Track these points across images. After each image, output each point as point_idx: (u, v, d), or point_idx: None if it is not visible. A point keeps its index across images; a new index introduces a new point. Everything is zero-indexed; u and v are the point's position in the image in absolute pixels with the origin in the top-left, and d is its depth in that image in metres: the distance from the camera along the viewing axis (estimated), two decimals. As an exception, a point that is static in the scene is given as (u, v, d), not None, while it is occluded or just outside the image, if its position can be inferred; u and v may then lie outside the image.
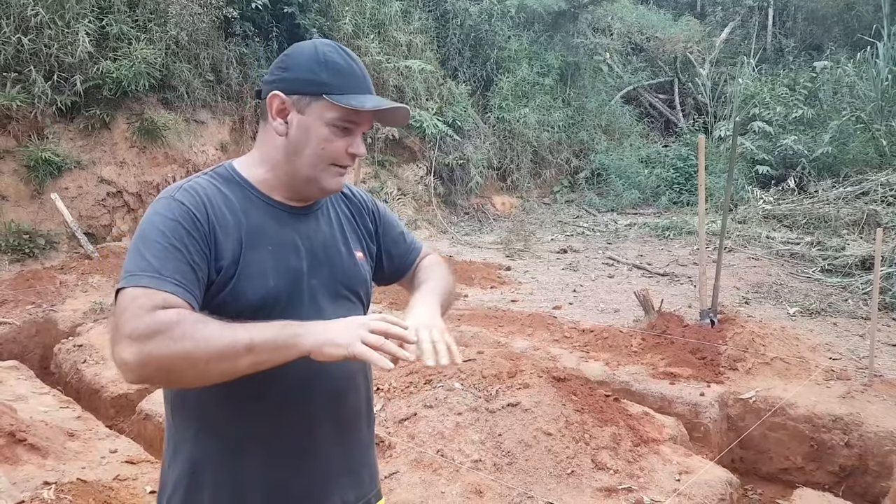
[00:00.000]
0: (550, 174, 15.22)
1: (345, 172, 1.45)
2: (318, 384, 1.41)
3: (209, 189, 1.38)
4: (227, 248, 1.33)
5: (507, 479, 3.28)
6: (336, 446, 1.47)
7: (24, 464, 3.38)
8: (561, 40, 16.36)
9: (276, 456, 1.39)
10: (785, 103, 14.06)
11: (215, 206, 1.35)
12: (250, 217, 1.39)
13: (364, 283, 1.57)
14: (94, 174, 9.05)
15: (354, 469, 1.53)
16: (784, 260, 9.20)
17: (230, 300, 1.32)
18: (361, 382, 1.53)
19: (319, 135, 1.38)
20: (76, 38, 8.63)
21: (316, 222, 1.50)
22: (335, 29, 11.75)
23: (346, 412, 1.49)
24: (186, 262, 1.26)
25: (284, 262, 1.40)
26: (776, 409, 4.53)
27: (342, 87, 1.37)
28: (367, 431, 1.58)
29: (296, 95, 1.38)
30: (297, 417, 1.40)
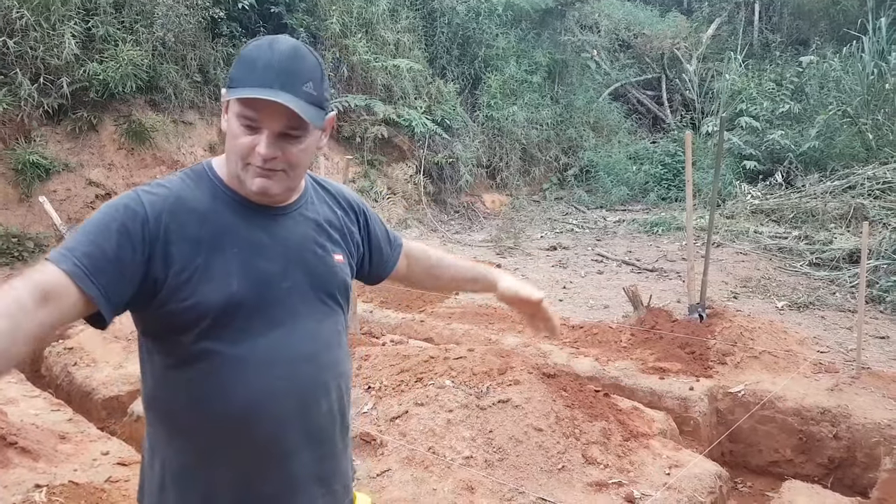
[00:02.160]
0: (539, 172, 15.25)
1: (267, 174, 1.31)
2: (287, 391, 1.36)
3: (179, 189, 1.34)
4: (183, 251, 1.28)
5: (498, 476, 3.30)
6: (306, 454, 1.41)
7: (15, 467, 3.37)
8: (549, 38, 16.39)
9: (244, 461, 1.36)
10: (772, 98, 14.14)
11: (177, 207, 1.30)
12: (217, 218, 1.34)
13: (343, 286, 1.50)
14: (82, 176, 9.00)
15: (326, 478, 1.46)
16: (772, 254, 9.26)
17: (191, 303, 1.28)
18: (334, 390, 1.45)
19: (232, 130, 1.32)
20: (62, 40, 8.59)
21: (292, 223, 1.43)
22: (322, 28, 11.74)
23: (317, 420, 1.42)
24: (103, 250, 1.20)
25: (251, 265, 1.34)
26: (765, 402, 4.56)
27: (242, 79, 1.29)
28: (340, 440, 1.50)
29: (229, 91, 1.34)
30: (264, 424, 1.34)
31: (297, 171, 1.37)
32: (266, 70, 1.28)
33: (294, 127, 1.30)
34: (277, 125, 1.29)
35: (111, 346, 5.38)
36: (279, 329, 1.36)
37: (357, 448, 3.60)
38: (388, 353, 4.62)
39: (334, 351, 1.47)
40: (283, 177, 1.34)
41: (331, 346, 1.46)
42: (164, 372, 1.36)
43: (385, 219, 11.84)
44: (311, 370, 1.40)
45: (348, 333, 1.58)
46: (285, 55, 1.30)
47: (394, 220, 12.05)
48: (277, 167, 1.32)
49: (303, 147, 1.34)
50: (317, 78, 1.33)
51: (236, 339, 1.32)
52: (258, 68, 1.28)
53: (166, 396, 1.36)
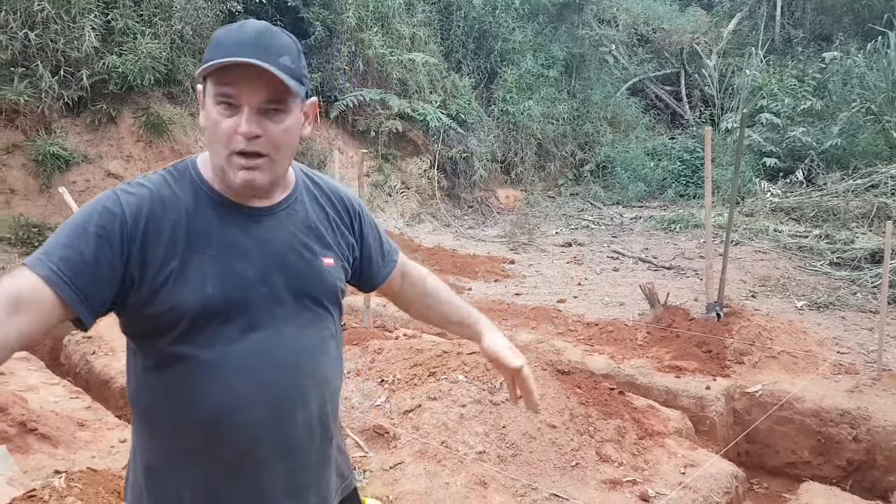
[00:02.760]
0: (555, 167, 15.18)
1: (251, 165, 1.25)
2: (260, 399, 1.30)
3: (159, 188, 1.29)
4: (159, 254, 1.24)
5: (511, 471, 3.29)
6: (278, 466, 1.35)
7: (35, 453, 3.43)
8: (566, 32, 16.29)
9: (214, 469, 1.32)
10: (793, 95, 13.97)
11: (156, 207, 1.26)
12: (196, 219, 1.28)
13: (331, 291, 1.42)
14: (101, 168, 9.08)
15: (298, 491, 1.39)
16: (792, 253, 9.16)
17: (166, 307, 1.24)
18: (314, 400, 1.37)
19: (211, 118, 1.25)
20: (82, 33, 8.65)
21: (276, 224, 1.36)
22: (338, 22, 11.74)
23: (292, 431, 1.35)
24: (80, 253, 1.18)
25: (228, 268, 1.28)
26: (783, 402, 4.52)
27: (214, 57, 1.21)
28: (319, 452, 1.42)
29: (203, 83, 1.28)
30: (235, 432, 1.30)
31: (282, 157, 1.30)
32: (238, 44, 1.21)
33: (275, 100, 1.24)
34: (256, 98, 1.22)
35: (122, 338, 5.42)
36: (255, 334, 1.30)
37: (370, 440, 3.61)
38: (402, 347, 4.62)
39: (317, 358, 1.39)
40: (268, 164, 1.27)
41: (313, 353, 1.38)
42: (143, 373, 1.33)
43: (398, 213, 11.81)
44: (287, 378, 1.33)
45: (362, 327, 1.56)
46: (257, 31, 1.24)
47: (407, 214, 12.05)
48: (262, 150, 1.25)
49: (285, 126, 1.27)
50: (293, 53, 1.26)
51: (211, 344, 1.27)
52: (229, 43, 1.22)
53: (145, 397, 1.33)
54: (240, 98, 1.22)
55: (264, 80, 1.21)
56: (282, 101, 1.25)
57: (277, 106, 1.25)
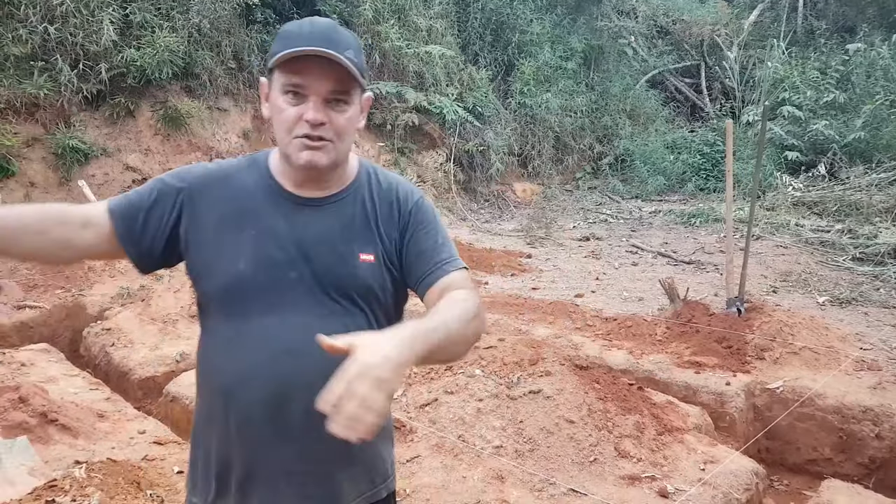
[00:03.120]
0: (573, 160, 15.08)
1: (315, 145, 1.33)
2: (263, 379, 1.35)
3: (229, 169, 1.46)
4: (210, 226, 1.40)
5: (528, 466, 3.27)
6: (276, 448, 1.39)
7: (55, 443, 3.46)
8: (584, 23, 16.17)
9: (224, 439, 1.41)
10: (816, 87, 13.78)
11: (218, 184, 1.43)
12: (249, 200, 1.41)
13: (364, 288, 1.41)
14: (119, 161, 9.14)
15: (298, 477, 1.41)
16: (813, 248, 9.04)
17: (204, 273, 1.40)
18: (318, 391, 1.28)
19: (277, 106, 1.34)
20: (101, 26, 8.70)
21: (319, 215, 1.41)
22: (355, 14, 11.73)
23: (291, 417, 1.37)
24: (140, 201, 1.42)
25: (263, 251, 1.37)
26: (804, 399, 4.46)
27: (284, 49, 1.30)
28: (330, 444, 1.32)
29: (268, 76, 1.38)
30: (241, 403, 1.37)
31: (344, 143, 1.38)
32: (309, 36, 1.30)
33: (340, 91, 1.32)
34: (324, 88, 1.31)
35: (148, 327, 5.47)
36: (273, 316, 1.36)
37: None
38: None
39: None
40: (331, 147, 1.35)
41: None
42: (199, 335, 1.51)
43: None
44: (293, 364, 1.35)
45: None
46: (325, 25, 1.34)
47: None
48: (325, 136, 1.33)
49: (348, 115, 1.36)
50: (356, 47, 1.35)
51: (230, 317, 1.38)
52: (301, 36, 1.31)
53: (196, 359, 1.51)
54: (308, 88, 1.31)
55: (332, 71, 1.30)
56: (346, 92, 1.34)
57: (342, 96, 1.33)
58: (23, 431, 3.35)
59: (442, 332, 1.21)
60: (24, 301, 6.41)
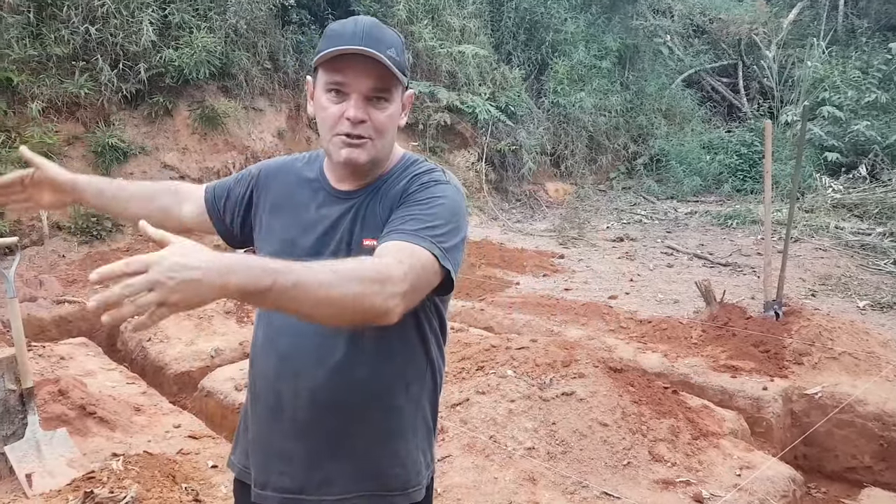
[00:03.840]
0: (607, 160, 14.95)
1: (355, 143, 1.35)
2: (269, 355, 1.49)
3: (292, 162, 1.60)
4: (267, 208, 1.55)
5: (561, 468, 3.24)
6: (282, 425, 1.46)
7: (93, 436, 3.53)
8: (619, 22, 16.01)
9: (252, 407, 1.56)
10: (857, 87, 13.50)
11: (279, 174, 1.58)
12: (297, 191, 1.52)
13: None
14: (157, 160, 9.28)
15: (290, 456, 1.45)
16: (854, 251, 8.85)
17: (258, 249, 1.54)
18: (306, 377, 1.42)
19: (321, 104, 1.39)
20: (140, 27, 8.84)
21: (344, 206, 1.45)
22: (389, 15, 11.75)
23: (284, 398, 1.44)
24: (228, 184, 1.66)
25: (288, 237, 1.48)
26: (843, 405, 4.36)
27: (328, 48, 1.34)
28: (329, 433, 1.44)
29: (313, 75, 1.43)
30: (258, 378, 1.52)
31: (384, 141, 1.41)
32: (352, 36, 1.33)
33: (381, 89, 1.35)
34: (365, 86, 1.34)
35: (184, 323, 5.54)
36: None
37: (418, 434, 3.60)
38: (449, 340, 4.60)
39: (333, 339, 1.39)
40: (371, 146, 1.38)
41: (323, 332, 1.38)
42: None
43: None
44: (288, 343, 1.46)
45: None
46: (368, 24, 1.37)
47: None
48: (365, 134, 1.36)
49: (389, 113, 1.38)
50: (398, 46, 1.37)
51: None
52: (345, 35, 1.34)
53: None
54: (349, 86, 1.34)
55: (372, 69, 1.32)
56: (387, 90, 1.36)
57: (382, 94, 1.36)
58: (62, 423, 3.43)
59: (289, 279, 1.06)
60: (63, 296, 6.54)
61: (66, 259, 7.87)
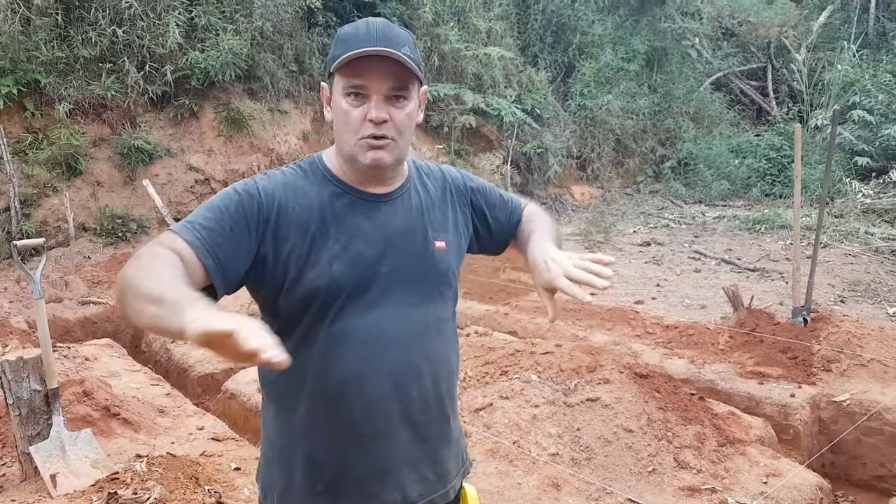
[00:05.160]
0: (634, 163, 14.84)
1: (379, 144, 1.36)
2: (379, 372, 1.40)
3: (289, 179, 1.42)
4: (291, 237, 1.35)
5: (585, 475, 3.20)
6: (398, 437, 1.43)
7: (118, 437, 3.55)
8: (647, 24, 15.90)
9: (339, 441, 1.41)
10: (888, 91, 13.31)
11: (288, 194, 1.38)
12: (324, 206, 1.40)
13: (443, 274, 1.50)
14: (182, 162, 9.38)
15: (416, 463, 1.47)
16: (884, 257, 8.70)
17: (299, 288, 1.35)
18: (428, 376, 1.46)
19: (340, 108, 1.36)
20: (167, 29, 8.95)
21: (393, 209, 1.45)
22: (415, 17, 11.78)
23: (409, 404, 1.44)
24: (221, 226, 1.29)
25: (351, 250, 1.38)
26: (872, 413, 4.27)
27: (343, 51, 1.33)
28: (436, 428, 1.50)
29: (328, 81, 1.42)
30: (357, 403, 1.39)
31: (404, 140, 1.40)
32: (366, 37, 1.32)
33: (399, 87, 1.35)
34: (385, 86, 1.33)
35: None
36: (375, 311, 1.39)
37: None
38: (473, 345, 4.58)
39: (431, 337, 1.47)
40: (394, 146, 1.37)
41: (427, 332, 1.46)
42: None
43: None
44: (400, 353, 1.42)
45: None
46: (380, 24, 1.36)
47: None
48: (388, 133, 1.35)
49: (408, 112, 1.38)
50: (411, 43, 1.37)
51: (335, 319, 1.37)
52: (359, 37, 1.33)
53: (274, 373, 1.40)
54: (369, 88, 1.33)
55: (391, 69, 1.32)
56: (405, 88, 1.36)
57: (401, 93, 1.36)
58: (86, 424, 3.44)
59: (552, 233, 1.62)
60: (88, 297, 6.62)
61: (91, 260, 7.98)
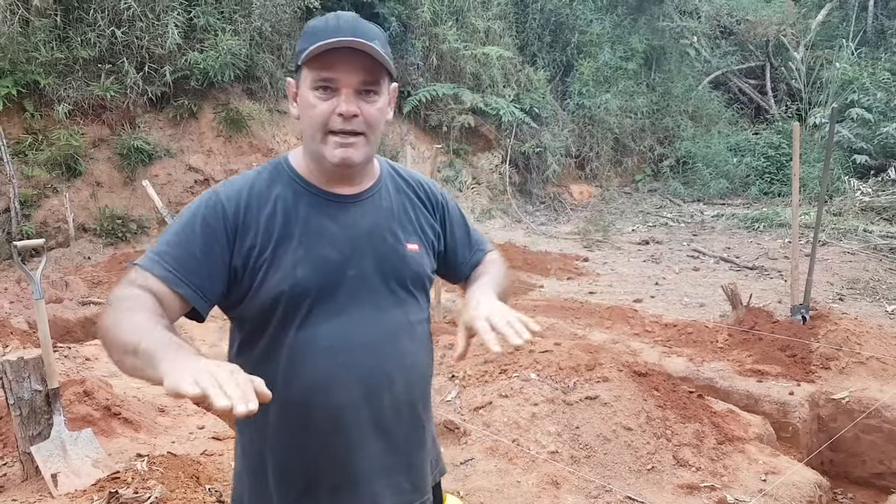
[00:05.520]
0: (632, 162, 14.85)
1: (348, 142, 1.31)
2: (348, 380, 1.34)
3: (252, 182, 1.37)
4: (257, 243, 1.32)
5: (584, 472, 3.21)
6: (371, 446, 1.39)
7: (118, 436, 3.55)
8: (646, 23, 15.92)
9: (308, 451, 1.37)
10: (886, 89, 13.33)
11: (252, 199, 1.34)
12: (289, 209, 1.35)
13: (416, 276, 1.45)
14: (182, 162, 9.39)
15: (390, 472, 1.42)
16: (882, 255, 8.71)
17: (264, 293, 1.31)
18: (399, 383, 1.40)
19: (308, 103, 1.31)
20: (166, 30, 8.96)
21: (362, 210, 1.40)
22: (413, 17, 11.79)
23: (380, 412, 1.39)
24: (190, 251, 1.27)
25: (316, 253, 1.33)
26: (871, 410, 4.29)
27: (313, 44, 1.27)
28: (410, 434, 1.46)
29: (295, 75, 1.36)
30: (325, 412, 1.34)
31: (375, 136, 1.36)
32: (336, 30, 1.28)
33: (370, 81, 1.31)
34: (355, 80, 1.29)
35: (208, 324, 5.53)
36: (342, 317, 1.35)
37: (440, 436, 3.58)
38: (472, 343, 4.58)
39: (402, 342, 1.42)
40: (363, 142, 1.33)
41: (397, 336, 1.41)
42: (244, 360, 1.36)
43: (469, 209, 11.79)
44: (370, 359, 1.37)
45: (433, 322, 1.53)
46: (351, 18, 1.32)
47: (478, 210, 12.01)
48: (358, 129, 1.31)
49: (379, 107, 1.34)
50: (382, 38, 1.33)
51: (301, 326, 1.33)
52: (328, 30, 1.28)
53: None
54: (339, 81, 1.29)
55: (362, 62, 1.28)
56: (376, 83, 1.32)
57: (372, 87, 1.32)
58: (87, 424, 3.45)
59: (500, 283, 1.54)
60: (88, 298, 6.63)
61: (91, 261, 7.99)
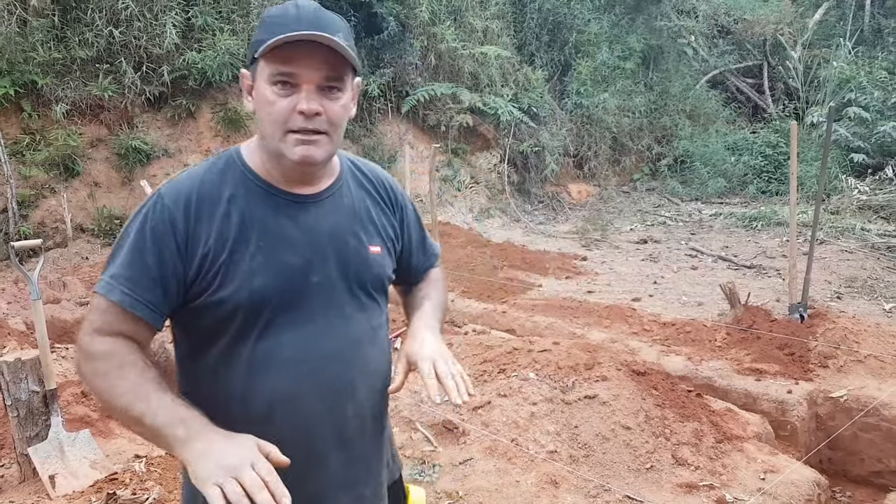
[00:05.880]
0: (630, 161, 14.86)
1: (310, 140, 1.22)
2: (311, 392, 1.28)
3: (204, 178, 1.28)
4: (210, 248, 1.23)
5: (583, 472, 3.22)
6: (333, 459, 1.33)
7: (116, 437, 3.55)
8: (644, 23, 15.93)
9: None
10: (884, 88, 13.33)
11: (203, 200, 1.25)
12: (244, 209, 1.26)
13: (378, 280, 1.39)
14: (180, 162, 9.38)
15: (353, 484, 1.38)
16: (880, 253, 8.71)
17: (217, 301, 1.23)
18: (363, 391, 1.35)
19: (265, 98, 1.22)
20: (164, 30, 8.95)
21: (323, 211, 1.32)
22: (411, 17, 11.79)
23: (343, 423, 1.33)
24: (145, 269, 1.21)
25: (275, 259, 1.25)
26: (869, 409, 4.29)
27: (272, 36, 1.17)
28: (371, 443, 1.41)
29: (251, 67, 1.26)
30: (287, 426, 1.27)
31: (338, 134, 1.27)
32: (297, 21, 1.18)
33: (335, 77, 1.22)
34: (317, 75, 1.20)
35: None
36: (305, 326, 1.28)
37: (439, 435, 3.59)
38: (471, 343, 4.59)
39: (365, 349, 1.36)
40: (326, 141, 1.24)
41: (360, 343, 1.35)
42: (192, 368, 1.32)
43: (467, 208, 11.79)
44: (334, 370, 1.30)
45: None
46: (313, 9, 1.22)
47: (476, 209, 12.01)
48: (320, 128, 1.22)
49: (343, 103, 1.25)
50: (346, 30, 1.24)
51: (260, 337, 1.25)
52: (288, 21, 1.19)
53: (194, 394, 1.27)
54: (299, 77, 1.20)
55: (325, 57, 1.19)
56: (340, 79, 1.23)
57: (336, 83, 1.23)
58: (85, 425, 3.45)
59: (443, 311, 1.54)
60: (86, 298, 6.61)
61: (89, 261, 7.98)
